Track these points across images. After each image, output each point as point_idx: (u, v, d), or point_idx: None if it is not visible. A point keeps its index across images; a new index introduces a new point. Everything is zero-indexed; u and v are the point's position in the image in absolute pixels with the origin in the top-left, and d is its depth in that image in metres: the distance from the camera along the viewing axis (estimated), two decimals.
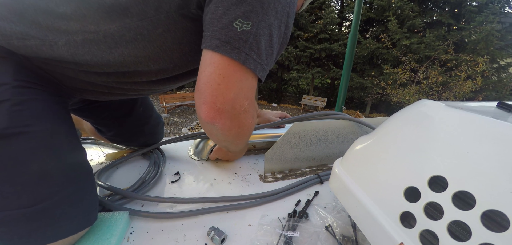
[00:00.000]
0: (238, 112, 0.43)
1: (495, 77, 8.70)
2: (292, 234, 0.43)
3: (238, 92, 0.40)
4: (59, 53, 0.39)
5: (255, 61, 0.39)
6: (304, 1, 0.59)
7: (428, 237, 0.27)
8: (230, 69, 0.39)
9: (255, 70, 0.40)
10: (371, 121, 0.74)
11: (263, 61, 0.41)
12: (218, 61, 0.38)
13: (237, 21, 0.36)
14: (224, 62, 0.38)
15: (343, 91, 4.22)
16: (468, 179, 0.25)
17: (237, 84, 0.40)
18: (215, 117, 0.41)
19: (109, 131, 0.72)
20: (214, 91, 0.39)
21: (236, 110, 0.42)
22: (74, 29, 0.39)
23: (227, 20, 0.36)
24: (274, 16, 0.39)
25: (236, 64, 0.38)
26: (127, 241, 0.43)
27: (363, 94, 10.63)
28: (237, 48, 0.37)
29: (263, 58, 0.40)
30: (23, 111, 0.36)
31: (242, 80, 0.40)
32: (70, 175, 0.39)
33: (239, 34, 0.37)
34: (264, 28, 0.38)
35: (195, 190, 0.59)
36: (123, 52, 0.41)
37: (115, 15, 0.39)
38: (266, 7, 0.37)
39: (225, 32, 0.37)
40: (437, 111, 0.33)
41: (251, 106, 0.45)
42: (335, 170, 0.43)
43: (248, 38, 0.37)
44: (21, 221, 0.34)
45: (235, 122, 0.44)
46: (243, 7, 0.36)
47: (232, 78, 0.39)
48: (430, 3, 10.10)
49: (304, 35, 11.41)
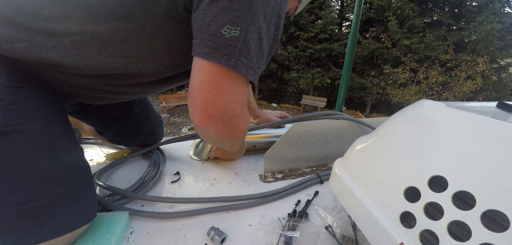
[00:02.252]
0: (230, 117, 0.43)
1: (495, 77, 8.70)
2: (292, 234, 0.43)
3: (228, 98, 0.41)
4: (48, 56, 0.39)
5: (246, 65, 0.40)
6: (298, 4, 0.59)
7: (428, 237, 0.27)
8: (220, 76, 0.39)
9: (247, 75, 0.40)
10: (371, 121, 0.74)
11: (254, 65, 0.41)
12: (208, 69, 0.39)
13: (225, 27, 0.37)
14: (214, 69, 0.39)
15: (343, 91, 4.21)
16: (468, 179, 0.25)
17: (228, 90, 0.40)
18: (207, 122, 0.42)
19: (108, 132, 0.72)
20: (205, 98, 0.40)
21: (227, 114, 0.43)
22: (59, 31, 0.38)
23: (215, 27, 0.37)
24: (263, 19, 0.39)
25: (226, 71, 0.39)
26: (127, 241, 0.43)
27: (363, 94, 10.63)
28: (227, 54, 0.38)
29: (254, 61, 0.41)
30: (17, 110, 0.36)
31: (233, 85, 0.41)
32: (66, 172, 0.39)
33: (227, 40, 0.37)
34: (253, 31, 0.38)
35: (195, 190, 0.59)
36: (113, 53, 0.41)
37: (102, 16, 0.39)
38: (254, 10, 0.37)
39: (214, 39, 0.37)
40: (437, 111, 0.33)
41: (243, 109, 0.45)
42: (335, 170, 0.43)
43: (237, 43, 0.38)
44: (18, 218, 0.34)
45: (227, 126, 0.44)
46: (230, 13, 0.36)
47: (222, 85, 0.40)
48: (430, 3, 10.10)
49: (304, 35, 11.41)
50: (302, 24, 11.22)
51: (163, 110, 9.00)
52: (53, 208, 0.36)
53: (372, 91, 10.05)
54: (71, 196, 0.39)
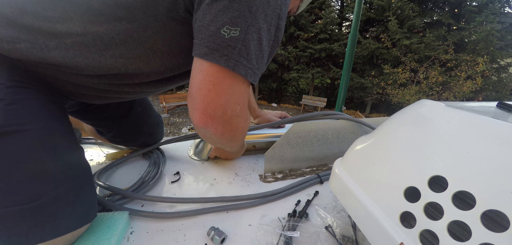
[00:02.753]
0: (230, 117, 0.43)
1: (495, 77, 8.70)
2: (292, 234, 0.43)
3: (229, 98, 0.41)
4: (50, 56, 0.39)
5: (245, 66, 0.40)
6: (300, 3, 0.59)
7: (428, 237, 0.27)
8: (220, 76, 0.39)
9: (246, 76, 0.40)
10: (371, 121, 0.74)
11: (254, 66, 0.41)
12: (208, 69, 0.39)
13: (225, 28, 0.36)
14: (214, 69, 0.39)
15: (343, 91, 4.21)
16: (468, 179, 0.25)
17: (228, 91, 0.41)
18: (207, 123, 0.42)
19: (108, 132, 0.73)
20: (205, 98, 0.40)
21: (227, 115, 0.43)
22: (61, 31, 0.38)
23: (214, 27, 0.37)
24: (264, 20, 0.39)
25: (225, 71, 0.39)
26: (127, 241, 0.43)
27: (363, 94, 10.63)
28: (226, 55, 0.38)
29: (253, 62, 0.41)
30: (17, 110, 0.36)
31: (233, 86, 0.41)
32: (67, 172, 0.39)
33: (227, 41, 0.37)
34: (253, 32, 0.38)
35: (195, 190, 0.59)
36: (114, 53, 0.41)
37: (103, 18, 0.39)
38: (254, 11, 0.37)
39: (213, 40, 0.37)
40: (437, 111, 0.33)
41: (243, 110, 0.46)
42: (335, 170, 0.43)
43: (237, 44, 0.38)
44: (18, 218, 0.34)
45: (227, 127, 0.44)
46: (230, 13, 0.36)
47: (222, 85, 0.40)
48: (430, 3, 10.10)
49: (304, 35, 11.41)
50: (302, 24, 11.22)
51: (163, 110, 9.00)
52: (54, 208, 0.36)
53: (372, 91, 10.05)
54: (72, 196, 0.39)
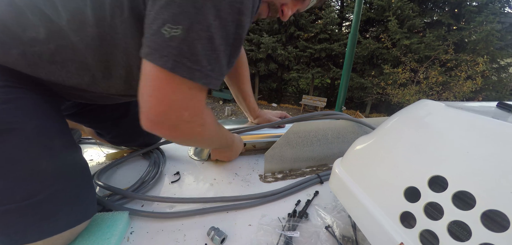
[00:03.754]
0: (176, 123, 0.40)
1: (495, 77, 8.69)
2: (292, 234, 0.43)
3: (171, 104, 0.38)
4: (42, 63, 0.39)
5: (190, 68, 0.35)
6: None
7: (428, 237, 0.27)
8: (161, 79, 0.36)
9: (193, 78, 0.36)
10: (371, 121, 0.74)
11: (204, 67, 0.37)
12: (150, 71, 0.36)
13: (166, 26, 0.33)
14: (155, 71, 0.35)
15: (343, 91, 4.21)
16: (468, 179, 0.25)
17: (169, 96, 0.37)
18: (152, 128, 0.40)
19: (107, 134, 0.72)
20: (146, 103, 0.38)
21: (172, 121, 0.39)
22: (51, 51, 0.38)
23: (156, 25, 0.34)
24: (214, 16, 0.34)
25: (166, 74, 0.35)
26: (127, 241, 0.43)
27: (363, 94, 10.62)
28: (165, 56, 0.34)
29: (203, 63, 0.36)
30: (11, 109, 0.36)
31: (175, 91, 0.37)
32: (63, 170, 0.39)
33: (167, 40, 0.34)
34: (199, 30, 0.34)
35: (195, 190, 0.59)
36: (94, 57, 0.41)
37: (76, 25, 0.38)
38: (199, 7, 0.33)
39: (155, 39, 0.34)
40: (437, 111, 0.33)
41: (195, 115, 0.41)
42: (335, 170, 0.43)
43: (178, 44, 0.34)
44: (16, 216, 0.34)
45: (176, 133, 0.42)
46: (171, 10, 0.33)
47: (163, 90, 0.36)
48: (430, 3, 10.09)
49: (304, 35, 11.40)
50: (302, 24, 11.21)
51: None
52: (51, 206, 0.36)
53: (372, 91, 10.04)
54: (69, 194, 0.39)
